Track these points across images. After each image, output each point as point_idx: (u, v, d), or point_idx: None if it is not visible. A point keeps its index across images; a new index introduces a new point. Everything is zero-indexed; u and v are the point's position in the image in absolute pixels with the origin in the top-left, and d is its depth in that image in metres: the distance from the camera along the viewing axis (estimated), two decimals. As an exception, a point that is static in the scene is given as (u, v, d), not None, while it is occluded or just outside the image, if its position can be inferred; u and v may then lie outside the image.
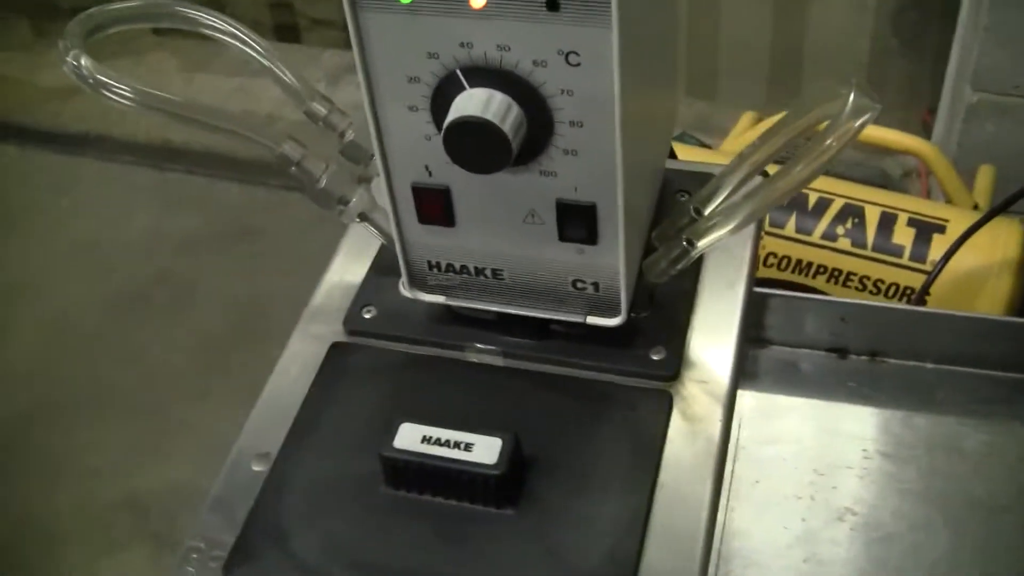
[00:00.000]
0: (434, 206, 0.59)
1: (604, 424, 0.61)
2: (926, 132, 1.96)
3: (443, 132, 0.52)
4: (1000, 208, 1.23)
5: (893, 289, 1.33)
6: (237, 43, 0.64)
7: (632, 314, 0.62)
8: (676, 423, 0.61)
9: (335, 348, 0.65)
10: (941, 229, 1.34)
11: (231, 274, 1.83)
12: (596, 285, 0.60)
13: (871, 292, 1.34)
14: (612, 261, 0.59)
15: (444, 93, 0.53)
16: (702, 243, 0.60)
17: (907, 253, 1.32)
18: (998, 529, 0.81)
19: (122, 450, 1.66)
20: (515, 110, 0.52)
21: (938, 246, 1.32)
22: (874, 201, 1.36)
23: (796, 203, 1.36)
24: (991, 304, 1.30)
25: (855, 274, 1.33)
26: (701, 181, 0.71)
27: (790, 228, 1.35)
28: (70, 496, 1.61)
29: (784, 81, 1.96)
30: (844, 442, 0.88)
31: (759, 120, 1.62)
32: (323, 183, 0.62)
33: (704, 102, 1.97)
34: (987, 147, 1.63)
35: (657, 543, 0.56)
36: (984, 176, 1.56)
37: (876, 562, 0.80)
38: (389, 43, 0.53)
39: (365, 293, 0.68)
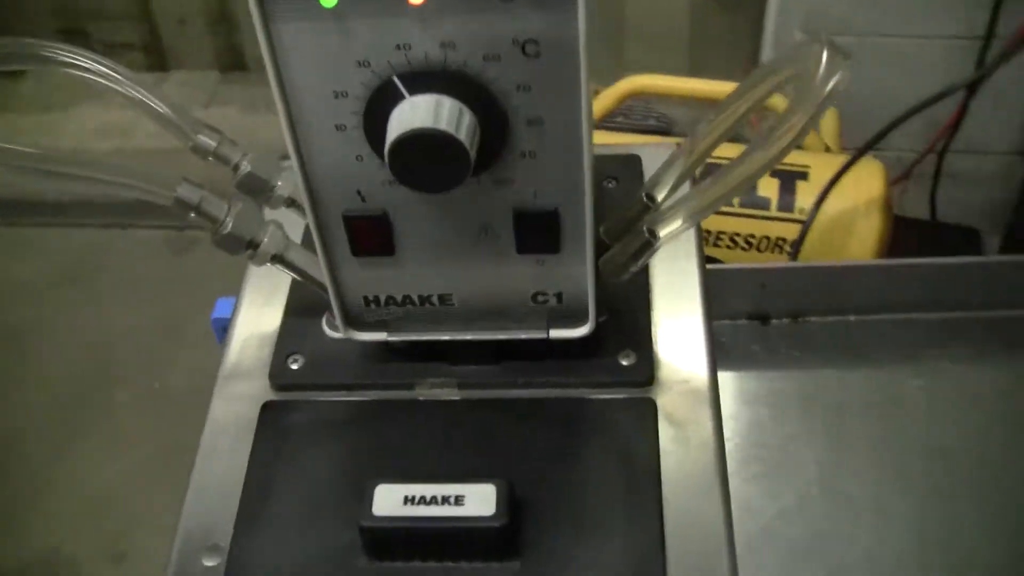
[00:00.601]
0: (370, 235, 0.52)
1: (589, 446, 0.55)
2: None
3: (388, 150, 0.45)
4: (867, 147, 1.22)
5: (765, 242, 1.31)
6: (103, 80, 0.55)
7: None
8: (665, 431, 0.55)
9: (267, 409, 0.57)
10: (804, 176, 1.32)
11: (74, 320, 1.70)
12: (559, 296, 0.54)
13: (742, 248, 1.32)
14: (578, 268, 0.53)
15: (379, 105, 0.46)
16: (665, 233, 0.55)
17: (774, 204, 1.31)
18: (956, 472, 0.79)
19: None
20: (467, 115, 0.45)
21: (803, 193, 1.31)
22: (730, 156, 1.34)
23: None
24: (863, 245, 1.29)
25: (725, 232, 1.31)
26: (626, 164, 0.66)
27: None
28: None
29: (608, 49, 1.93)
30: (781, 409, 0.85)
31: (595, 90, 1.58)
32: (229, 227, 0.54)
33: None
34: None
35: (681, 568, 0.50)
36: (829, 118, 1.56)
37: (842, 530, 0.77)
38: (309, 55, 0.45)
39: (287, 340, 0.60)
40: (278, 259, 0.56)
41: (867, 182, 1.31)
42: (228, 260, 0.55)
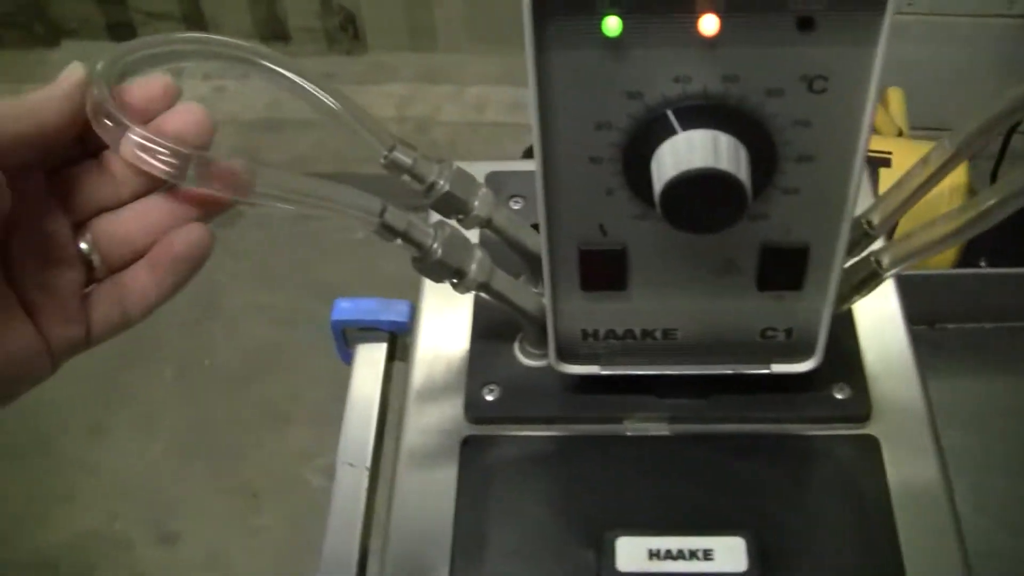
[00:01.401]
0: (604, 270, 0.49)
1: (817, 485, 0.52)
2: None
3: (662, 189, 0.42)
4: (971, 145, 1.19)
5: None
6: (299, 83, 0.51)
7: (807, 352, 0.54)
8: (892, 469, 0.53)
9: (468, 444, 0.54)
10: (887, 163, 1.30)
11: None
12: (789, 331, 0.51)
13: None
14: (817, 303, 0.50)
15: (644, 139, 0.43)
16: (895, 266, 0.52)
17: (860, 192, 1.28)
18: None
19: (20, 503, 1.48)
20: (743, 151, 0.42)
21: (887, 180, 1.28)
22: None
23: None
24: (948, 232, 1.27)
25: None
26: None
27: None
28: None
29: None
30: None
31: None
32: (438, 254, 0.50)
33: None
34: (887, 70, 1.60)
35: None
36: (895, 99, 1.52)
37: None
38: (578, 84, 0.42)
39: (480, 368, 0.57)
40: (483, 287, 0.52)
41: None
42: (269, 237, 0.51)
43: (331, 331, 0.76)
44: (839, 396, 0.54)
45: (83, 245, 0.42)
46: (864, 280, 0.52)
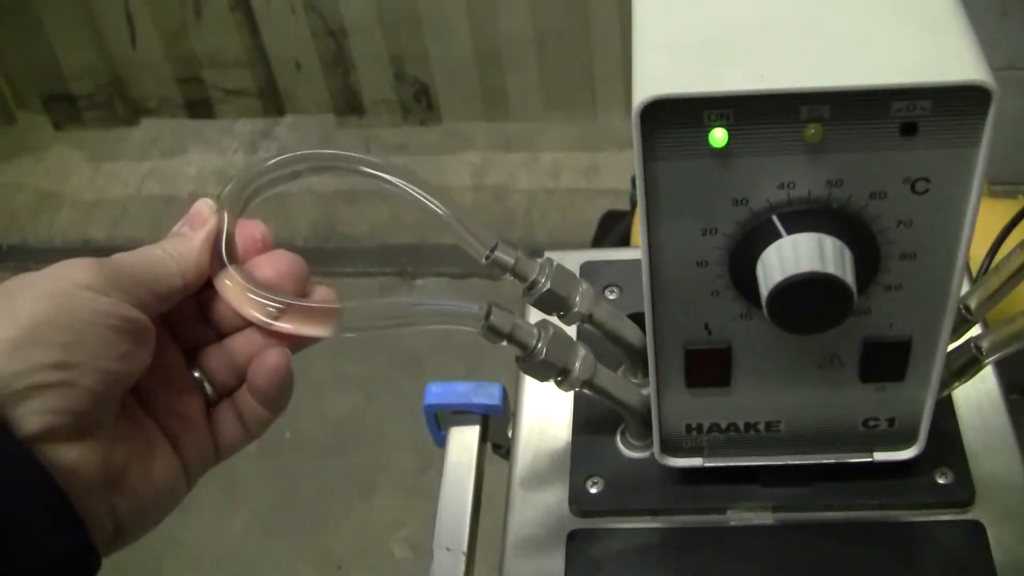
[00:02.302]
0: (709, 367, 0.50)
1: (923, 573, 0.52)
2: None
3: (770, 294, 0.43)
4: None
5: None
6: (414, 195, 0.53)
7: (908, 438, 0.54)
8: (999, 553, 0.52)
9: (574, 538, 0.55)
10: None
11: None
12: (892, 420, 0.52)
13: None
14: (919, 393, 0.50)
15: (750, 242, 0.44)
16: (991, 348, 0.52)
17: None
18: None
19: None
20: (847, 254, 0.43)
21: (968, 240, 1.27)
22: None
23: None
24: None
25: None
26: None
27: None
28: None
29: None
30: None
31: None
32: (543, 355, 0.51)
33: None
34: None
35: None
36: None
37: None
38: (685, 193, 0.43)
39: (583, 461, 0.58)
40: (587, 384, 0.53)
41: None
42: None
43: (423, 415, 0.77)
44: (941, 481, 0.54)
45: (195, 374, 0.43)
46: (964, 366, 0.53)
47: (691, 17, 0.43)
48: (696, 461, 0.54)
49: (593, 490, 0.56)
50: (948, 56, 0.39)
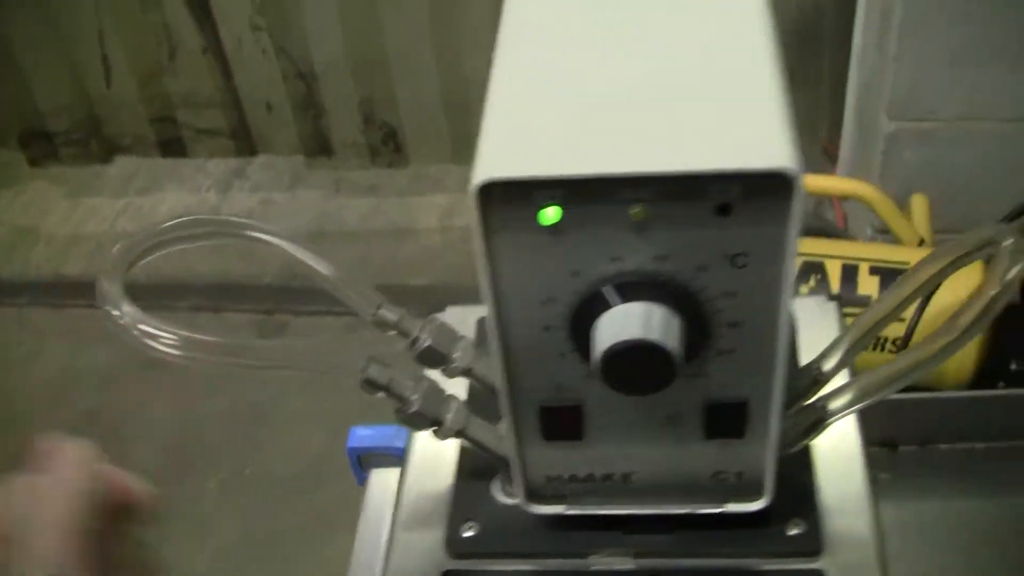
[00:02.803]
0: (562, 423, 0.53)
1: (766, 621, 0.55)
2: (829, 160, 1.98)
3: (599, 359, 0.46)
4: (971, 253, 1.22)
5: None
6: (302, 259, 0.57)
7: (762, 491, 0.58)
8: (838, 603, 0.56)
9: (447, 577, 0.58)
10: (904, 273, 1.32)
11: (157, 405, 1.72)
12: (739, 474, 0.55)
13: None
14: (760, 451, 0.54)
15: (587, 311, 0.47)
16: (838, 412, 0.56)
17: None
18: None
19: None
20: (675, 321, 0.47)
21: (903, 292, 1.31)
22: (831, 254, 1.34)
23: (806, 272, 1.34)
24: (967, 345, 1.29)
25: (827, 332, 1.31)
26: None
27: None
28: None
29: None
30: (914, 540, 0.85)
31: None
32: (416, 406, 0.55)
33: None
34: (912, 176, 1.63)
35: None
36: (919, 206, 1.56)
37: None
38: (523, 265, 0.47)
39: (460, 505, 0.61)
40: (460, 433, 0.57)
41: (967, 278, 1.31)
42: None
43: (348, 457, 0.81)
44: (792, 532, 0.58)
45: None
46: (811, 426, 0.56)
47: (533, 100, 0.47)
48: (559, 509, 0.57)
49: (468, 533, 0.60)
50: (758, 142, 0.43)
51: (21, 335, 1.83)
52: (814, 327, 0.67)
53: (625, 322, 0.46)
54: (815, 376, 0.58)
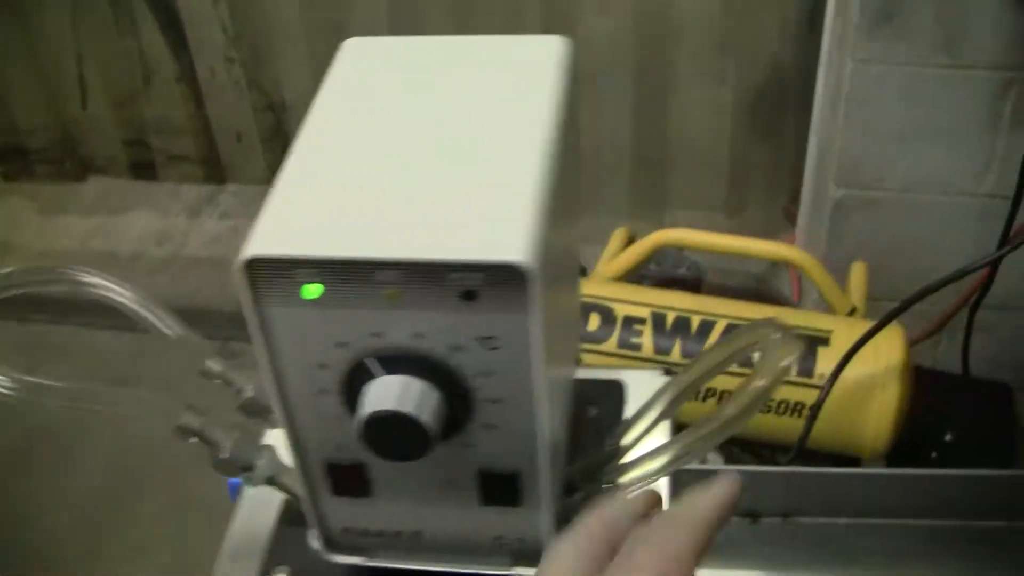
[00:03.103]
0: (348, 480, 0.56)
1: None
2: (789, 222, 2.00)
3: (360, 425, 0.49)
4: (883, 323, 1.25)
5: (783, 406, 1.34)
6: (130, 307, 0.61)
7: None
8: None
9: (250, 620, 0.61)
10: (825, 342, 1.35)
11: (109, 425, 1.76)
12: (521, 540, 0.58)
13: (761, 411, 1.34)
14: (534, 520, 0.57)
15: (356, 378, 0.51)
16: (625, 487, 0.58)
17: (794, 369, 1.33)
18: None
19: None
20: (433, 395, 0.50)
21: (824, 359, 1.33)
22: (755, 319, 1.37)
23: (679, 328, 1.36)
24: (881, 413, 1.31)
25: (745, 394, 1.33)
26: (608, 390, 0.70)
27: (676, 354, 1.35)
28: None
29: (648, 184, 1.98)
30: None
31: (630, 237, 1.62)
32: (227, 453, 0.59)
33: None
34: (857, 242, 1.66)
35: None
36: (857, 274, 1.58)
37: None
38: (296, 335, 0.50)
39: (275, 552, 0.64)
40: (272, 481, 0.60)
41: (887, 350, 1.34)
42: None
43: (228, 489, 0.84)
44: (586, 598, 0.60)
45: None
46: (593, 495, 0.59)
47: (314, 185, 0.50)
48: (358, 560, 0.60)
49: (278, 578, 0.63)
50: (498, 237, 0.46)
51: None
52: (642, 401, 0.70)
53: (384, 393, 0.49)
54: (613, 450, 0.61)
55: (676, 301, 1.39)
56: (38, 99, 1.96)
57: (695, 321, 1.37)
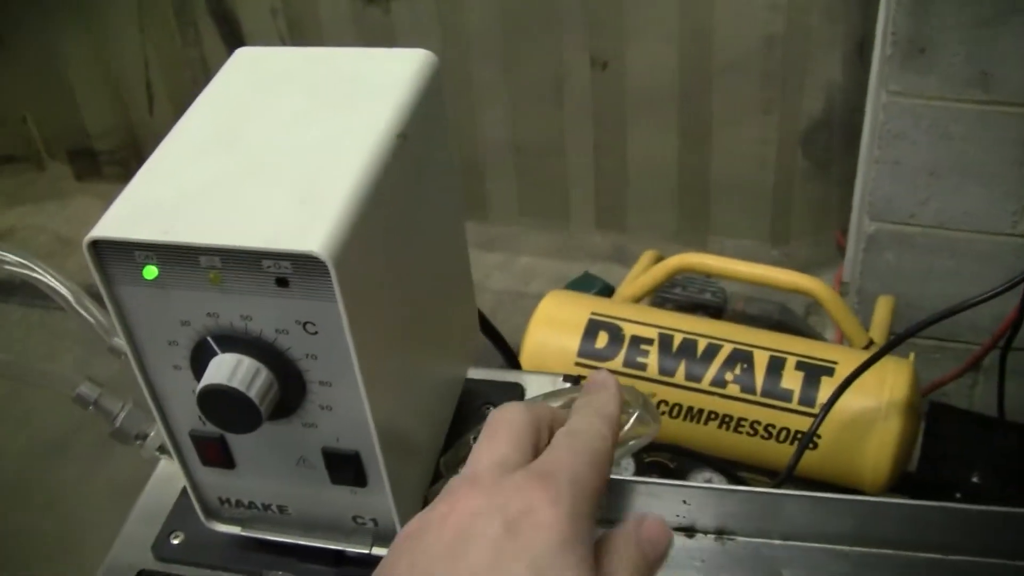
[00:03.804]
0: (213, 452, 0.61)
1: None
2: (841, 254, 2.00)
3: (196, 397, 0.54)
4: (878, 355, 1.25)
5: (784, 434, 1.35)
6: (40, 279, 0.67)
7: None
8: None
9: (141, 575, 0.67)
10: (830, 372, 1.35)
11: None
12: (375, 520, 0.62)
13: (762, 437, 1.35)
14: (384, 502, 0.60)
15: (201, 355, 0.55)
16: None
17: (796, 397, 1.34)
18: None
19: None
20: (263, 374, 0.54)
21: (826, 389, 1.34)
22: (763, 345, 1.38)
23: (685, 350, 1.38)
24: (880, 446, 1.31)
25: (746, 419, 1.35)
26: (506, 391, 0.74)
27: (680, 375, 1.37)
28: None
29: (693, 210, 1.99)
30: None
31: (659, 259, 1.65)
32: (119, 423, 0.64)
33: (616, 232, 2.01)
34: (888, 275, 1.66)
35: None
36: (882, 308, 1.58)
37: None
38: (144, 312, 0.55)
39: (174, 518, 0.69)
40: (164, 450, 0.66)
41: (892, 383, 1.33)
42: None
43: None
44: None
45: None
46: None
47: (159, 183, 0.55)
48: (236, 530, 0.65)
49: (174, 541, 0.68)
50: (307, 229, 0.50)
51: (40, 335, 1.97)
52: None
53: (217, 369, 0.54)
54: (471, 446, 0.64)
55: (686, 324, 1.41)
56: (107, 103, 2.07)
57: (701, 344, 1.38)
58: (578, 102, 1.89)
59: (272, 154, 0.56)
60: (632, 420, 0.56)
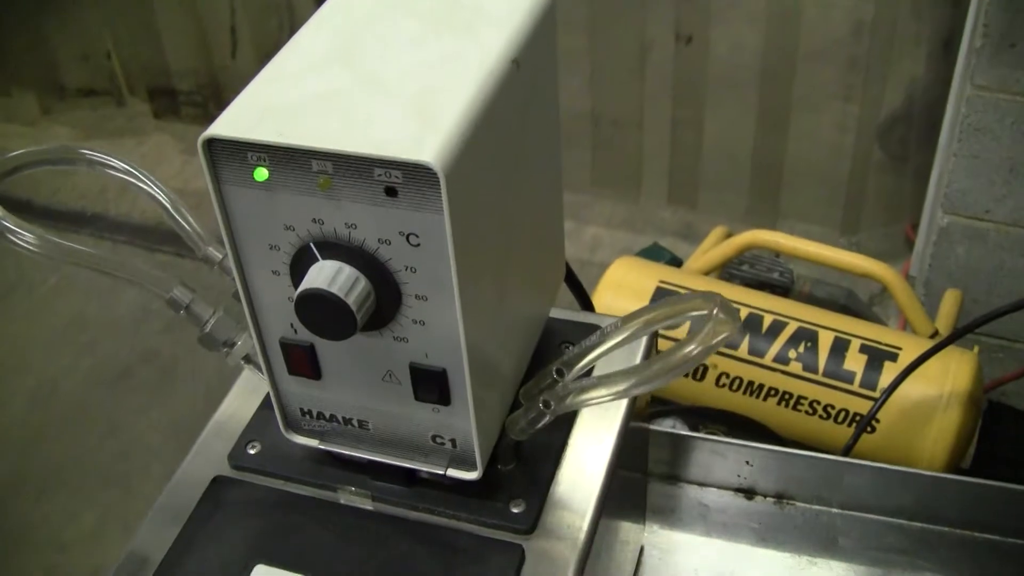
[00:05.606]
0: (301, 361, 0.62)
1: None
2: (910, 248, 1.99)
3: (294, 301, 0.55)
4: (945, 343, 1.24)
5: (843, 415, 1.34)
6: (141, 187, 0.68)
7: (498, 466, 0.65)
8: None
9: (216, 482, 0.68)
10: (893, 357, 1.35)
11: (214, 356, 1.87)
12: (453, 441, 0.63)
13: (821, 417, 1.35)
14: (465, 422, 0.61)
15: (301, 262, 0.57)
16: (559, 408, 0.62)
17: (858, 379, 1.34)
18: None
19: (91, 525, 1.69)
20: (362, 283, 0.55)
21: (889, 374, 1.33)
22: (828, 326, 1.38)
23: (750, 324, 1.38)
24: (939, 435, 1.31)
25: (805, 398, 1.35)
26: (586, 332, 0.74)
27: (743, 349, 1.37)
28: (34, 570, 1.64)
29: (764, 192, 1.99)
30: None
31: (728, 235, 1.64)
32: (208, 328, 0.65)
33: (686, 209, 2.01)
34: (957, 270, 1.65)
35: None
36: (949, 301, 1.57)
37: None
38: (250, 215, 0.56)
39: (252, 429, 0.71)
40: (248, 360, 0.67)
41: (955, 373, 1.33)
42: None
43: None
44: (514, 510, 0.65)
45: None
46: (535, 417, 0.63)
47: (287, 81, 0.56)
48: (314, 442, 0.66)
49: (251, 451, 0.69)
50: (420, 140, 0.51)
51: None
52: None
53: (317, 275, 0.55)
54: (555, 377, 0.65)
55: (752, 299, 1.41)
56: (192, 45, 2.09)
57: (767, 320, 1.38)
58: (659, 76, 1.89)
59: (389, 70, 0.56)
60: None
